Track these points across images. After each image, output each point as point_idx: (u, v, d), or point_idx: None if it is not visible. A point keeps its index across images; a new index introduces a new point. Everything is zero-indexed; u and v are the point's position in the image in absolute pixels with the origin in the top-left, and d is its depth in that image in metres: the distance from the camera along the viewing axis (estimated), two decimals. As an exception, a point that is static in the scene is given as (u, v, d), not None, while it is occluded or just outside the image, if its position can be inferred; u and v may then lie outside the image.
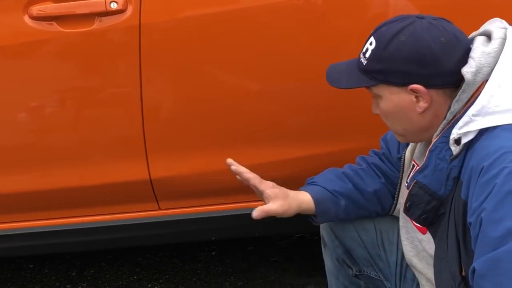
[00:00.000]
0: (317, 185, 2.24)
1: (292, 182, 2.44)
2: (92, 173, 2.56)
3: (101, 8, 2.36)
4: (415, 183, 1.87)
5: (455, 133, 1.80)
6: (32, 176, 2.54)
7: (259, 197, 2.21)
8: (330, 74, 2.06)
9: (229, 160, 2.21)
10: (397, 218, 2.25)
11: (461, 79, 1.83)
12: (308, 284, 3.02)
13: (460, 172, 1.81)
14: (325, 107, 2.54)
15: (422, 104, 1.87)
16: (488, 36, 1.88)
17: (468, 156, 1.80)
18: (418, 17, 1.89)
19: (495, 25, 1.90)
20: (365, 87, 1.96)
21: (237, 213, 2.64)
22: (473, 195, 1.72)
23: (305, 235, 3.33)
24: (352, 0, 2.49)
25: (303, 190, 2.23)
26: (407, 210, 1.92)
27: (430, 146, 1.86)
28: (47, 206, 2.62)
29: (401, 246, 2.23)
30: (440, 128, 1.85)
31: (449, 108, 1.84)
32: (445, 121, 1.84)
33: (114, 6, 2.36)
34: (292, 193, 2.19)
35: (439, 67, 1.84)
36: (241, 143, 2.57)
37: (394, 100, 1.90)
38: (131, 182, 2.58)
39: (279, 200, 2.16)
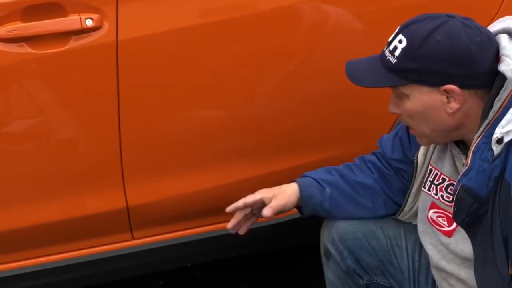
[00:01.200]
0: (305, 176, 2.27)
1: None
2: (63, 207, 2.36)
3: (76, 26, 2.17)
4: (461, 187, 1.85)
5: (498, 133, 1.80)
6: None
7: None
8: (352, 72, 2.00)
9: (228, 209, 2.21)
10: (401, 223, 2.25)
11: (493, 79, 1.84)
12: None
13: (502, 171, 1.81)
14: (307, 117, 2.50)
15: (454, 105, 1.86)
16: (509, 33, 1.90)
17: (511, 154, 1.80)
18: (449, 16, 1.89)
19: None
20: (393, 86, 1.93)
21: (214, 235, 2.54)
22: None
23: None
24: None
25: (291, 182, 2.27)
26: (454, 215, 1.90)
27: (472, 148, 1.84)
28: (7, 248, 2.38)
29: (410, 250, 2.23)
30: (481, 129, 1.84)
31: (491, 107, 1.83)
32: (486, 121, 1.83)
33: (89, 23, 2.19)
34: (283, 186, 2.24)
35: (475, 67, 1.84)
36: (220, 162, 2.47)
37: (424, 100, 1.88)
38: (106, 212, 2.40)
39: (278, 195, 2.20)
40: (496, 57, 1.86)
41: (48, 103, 2.24)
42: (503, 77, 1.82)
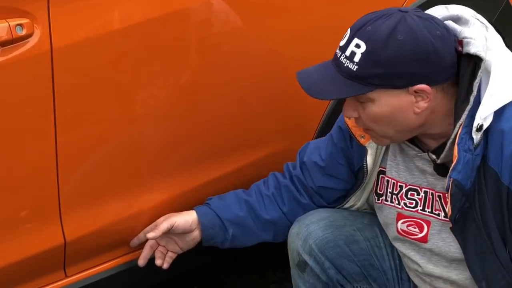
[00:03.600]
0: (211, 209, 2.18)
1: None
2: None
3: (5, 35, 1.77)
4: (452, 182, 1.77)
5: (479, 120, 1.74)
6: None
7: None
8: (308, 86, 1.84)
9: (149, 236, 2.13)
10: (373, 222, 2.15)
11: (454, 70, 1.78)
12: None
13: (482, 160, 1.77)
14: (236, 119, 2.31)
15: (422, 104, 1.77)
16: (454, 20, 1.84)
17: (493, 140, 1.76)
18: (401, 10, 1.77)
19: (457, 10, 1.86)
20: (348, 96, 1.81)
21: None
22: None
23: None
24: None
25: (195, 209, 2.19)
26: (451, 214, 1.82)
27: (456, 140, 1.76)
28: None
29: (389, 249, 2.14)
30: (464, 117, 1.76)
31: (467, 93, 1.76)
32: (468, 107, 1.76)
33: (20, 31, 1.79)
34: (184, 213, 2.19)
35: (441, 62, 1.75)
36: (159, 178, 2.20)
37: (391, 102, 1.77)
38: (41, 252, 2.01)
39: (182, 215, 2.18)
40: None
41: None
42: (472, 61, 1.77)
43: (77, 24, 1.90)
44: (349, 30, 1.79)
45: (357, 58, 1.73)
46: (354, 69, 1.74)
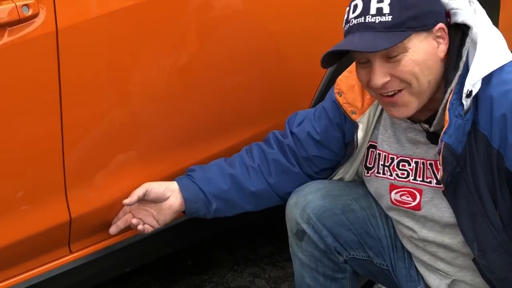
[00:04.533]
0: (195, 182, 2.20)
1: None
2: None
3: (13, 16, 1.81)
4: (444, 145, 1.84)
5: (468, 86, 1.82)
6: None
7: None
8: (354, 46, 1.84)
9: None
10: (368, 192, 2.20)
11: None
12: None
13: (472, 125, 1.84)
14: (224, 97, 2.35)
15: (442, 47, 1.86)
16: None
17: (482, 107, 1.83)
18: None
19: None
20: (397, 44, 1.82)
21: (157, 231, 2.28)
22: None
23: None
24: None
25: (176, 181, 2.21)
26: (442, 177, 1.89)
27: (448, 105, 1.83)
28: None
29: (384, 218, 2.21)
30: (454, 82, 1.84)
31: (458, 58, 1.85)
32: (458, 72, 1.84)
33: (26, 11, 1.83)
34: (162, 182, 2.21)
35: (441, 4, 1.88)
36: (161, 154, 2.24)
37: (423, 47, 1.83)
38: (47, 229, 2.05)
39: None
40: None
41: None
42: (459, 29, 1.87)
43: (81, 4, 1.94)
44: None
45: (386, 10, 1.80)
46: (389, 19, 1.80)
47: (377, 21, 1.81)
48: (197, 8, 2.20)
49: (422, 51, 1.83)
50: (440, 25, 1.84)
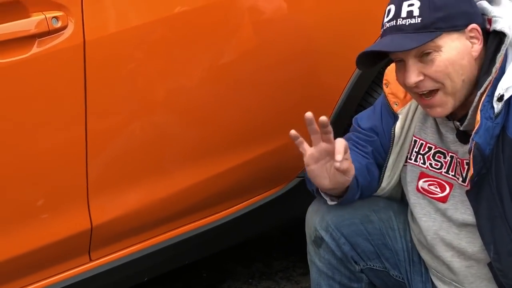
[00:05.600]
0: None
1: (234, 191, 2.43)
2: (17, 240, 2.02)
3: (43, 28, 1.86)
4: (474, 144, 1.89)
5: (500, 89, 1.87)
6: None
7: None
8: (382, 46, 1.93)
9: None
10: (389, 205, 2.24)
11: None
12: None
13: (502, 129, 1.88)
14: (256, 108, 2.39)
15: (477, 47, 1.91)
16: (488, 1, 1.98)
17: (511, 111, 1.88)
18: None
19: None
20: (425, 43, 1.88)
21: (175, 241, 2.35)
22: None
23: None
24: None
25: None
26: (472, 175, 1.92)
27: (479, 106, 1.88)
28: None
29: (402, 232, 2.23)
30: (484, 86, 1.89)
31: (491, 63, 1.90)
32: (489, 77, 1.89)
33: (55, 23, 1.88)
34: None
35: (475, 6, 1.93)
36: (182, 164, 2.28)
37: (456, 46, 1.89)
38: (68, 237, 2.10)
39: None
40: None
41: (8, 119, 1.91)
42: (497, 36, 1.92)
43: (108, 18, 1.99)
44: (391, 3, 1.93)
45: (416, 12, 1.88)
46: (419, 21, 1.88)
47: (407, 23, 1.89)
48: (225, 24, 2.24)
49: (455, 50, 1.89)
50: (473, 25, 1.89)
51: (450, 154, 2.06)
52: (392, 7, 1.93)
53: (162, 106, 2.16)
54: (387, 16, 1.94)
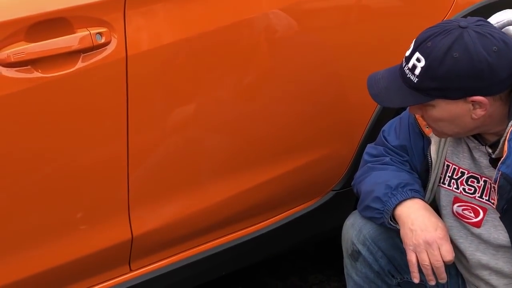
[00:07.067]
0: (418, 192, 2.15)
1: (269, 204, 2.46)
2: (58, 250, 2.09)
3: (87, 43, 1.92)
4: (501, 174, 1.90)
5: None
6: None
7: None
8: (376, 93, 2.02)
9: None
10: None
11: None
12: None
13: None
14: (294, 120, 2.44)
15: (479, 112, 1.90)
16: None
17: None
18: (461, 26, 1.88)
19: None
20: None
21: (211, 253, 2.40)
22: None
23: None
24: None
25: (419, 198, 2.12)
26: (497, 204, 1.94)
27: (507, 136, 1.90)
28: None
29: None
30: None
31: None
32: None
33: (99, 39, 1.94)
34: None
35: (496, 77, 1.87)
36: (221, 177, 2.33)
37: (450, 109, 1.91)
38: (110, 247, 2.16)
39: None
40: None
41: (53, 132, 1.98)
42: None
43: (150, 34, 2.05)
44: (413, 42, 1.94)
45: (417, 71, 1.89)
46: (415, 81, 1.90)
47: (407, 76, 1.93)
48: (261, 41, 2.29)
49: (447, 113, 1.92)
50: (475, 98, 1.87)
51: (483, 178, 2.07)
52: (412, 47, 1.93)
53: (201, 120, 2.21)
54: (408, 50, 1.95)
